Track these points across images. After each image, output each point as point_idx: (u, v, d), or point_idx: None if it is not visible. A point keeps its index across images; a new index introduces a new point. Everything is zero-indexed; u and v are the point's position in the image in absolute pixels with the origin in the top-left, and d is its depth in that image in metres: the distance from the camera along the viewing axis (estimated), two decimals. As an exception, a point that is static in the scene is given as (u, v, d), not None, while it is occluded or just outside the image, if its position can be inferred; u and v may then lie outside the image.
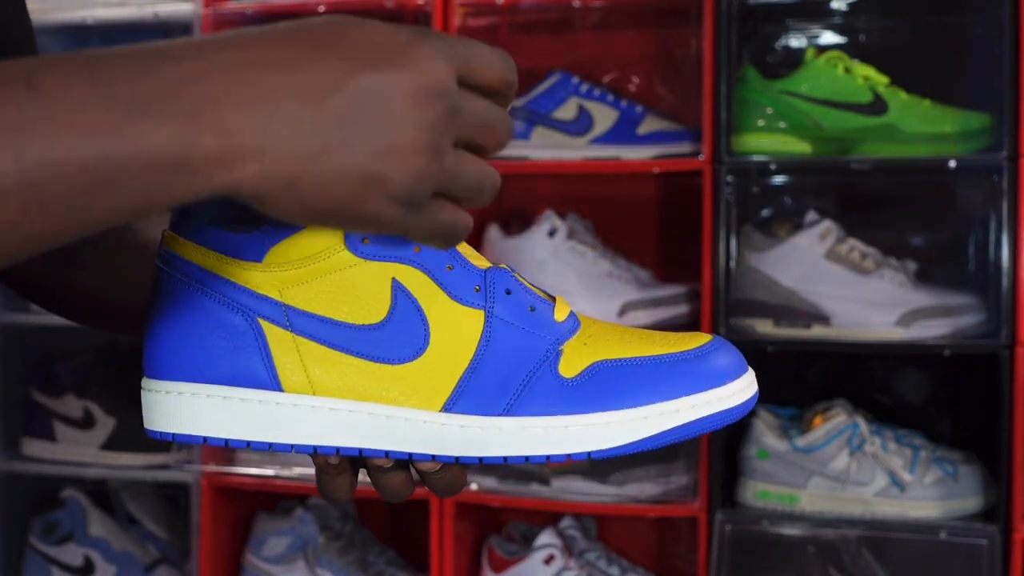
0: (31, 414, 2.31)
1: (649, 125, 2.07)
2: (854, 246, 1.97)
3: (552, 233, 2.08)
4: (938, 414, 2.07)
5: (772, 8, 2.08)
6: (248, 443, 0.66)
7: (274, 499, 2.28)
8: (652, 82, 2.22)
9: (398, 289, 0.65)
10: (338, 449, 0.66)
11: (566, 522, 2.11)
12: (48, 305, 0.84)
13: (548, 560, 2.04)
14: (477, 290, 0.66)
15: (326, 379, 0.65)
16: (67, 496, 2.27)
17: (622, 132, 2.07)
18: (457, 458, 0.65)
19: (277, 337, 0.65)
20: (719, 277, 1.94)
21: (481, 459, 0.65)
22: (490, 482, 2.05)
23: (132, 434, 2.26)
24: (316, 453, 0.66)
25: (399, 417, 0.65)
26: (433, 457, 0.65)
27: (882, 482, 1.90)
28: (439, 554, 2.07)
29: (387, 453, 0.65)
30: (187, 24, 2.16)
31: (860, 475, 1.91)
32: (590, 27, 2.26)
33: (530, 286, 0.68)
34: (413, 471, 0.69)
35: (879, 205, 2.12)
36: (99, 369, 2.36)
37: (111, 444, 2.25)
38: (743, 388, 0.65)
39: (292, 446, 0.66)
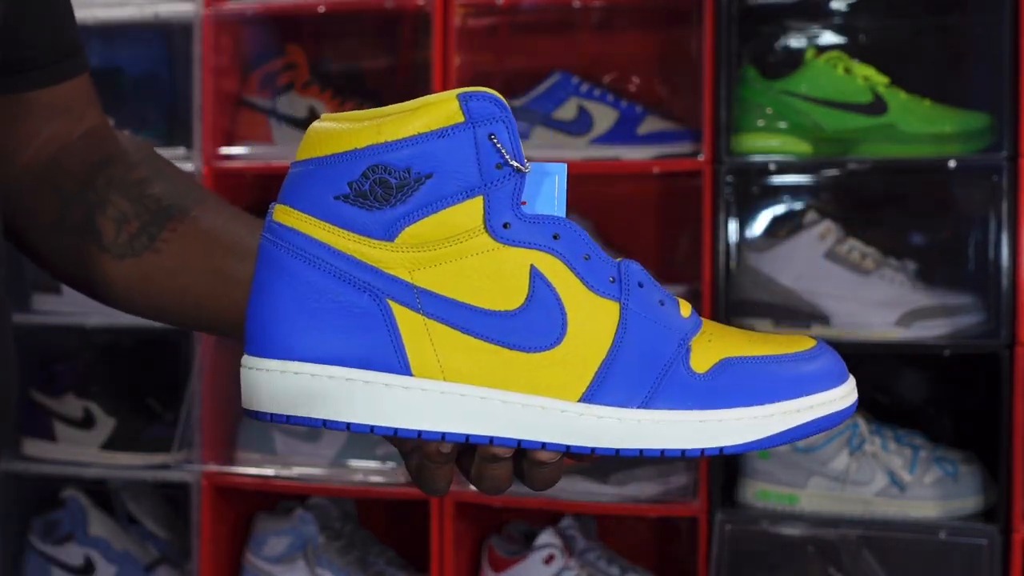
0: (31, 414, 2.31)
1: (649, 125, 2.07)
2: (854, 246, 1.97)
3: (552, 233, 2.08)
4: (938, 414, 2.07)
5: (772, 8, 2.08)
6: (372, 428, 0.64)
7: (274, 499, 2.28)
8: (652, 82, 2.22)
9: (536, 276, 0.64)
10: (468, 437, 0.64)
11: (566, 522, 2.11)
12: (104, 296, 0.83)
13: (548, 560, 2.04)
14: (612, 281, 0.66)
15: (458, 364, 0.64)
16: (67, 496, 2.27)
17: (622, 132, 2.07)
18: (593, 449, 0.64)
19: (407, 319, 0.64)
20: (719, 277, 1.94)
21: (618, 451, 0.64)
22: (490, 482, 2.05)
23: (132, 434, 2.26)
24: (443, 440, 0.64)
25: (534, 405, 0.64)
26: (568, 448, 0.64)
27: (882, 482, 1.90)
28: (439, 554, 2.07)
29: (519, 442, 0.64)
30: (187, 24, 2.16)
31: (860, 475, 1.91)
32: (590, 27, 2.26)
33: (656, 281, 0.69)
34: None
35: (879, 205, 2.12)
36: (99, 369, 2.36)
37: (111, 444, 2.25)
38: (850, 392, 0.67)
39: (419, 432, 0.64)
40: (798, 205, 2.10)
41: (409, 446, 0.68)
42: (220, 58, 2.18)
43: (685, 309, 0.67)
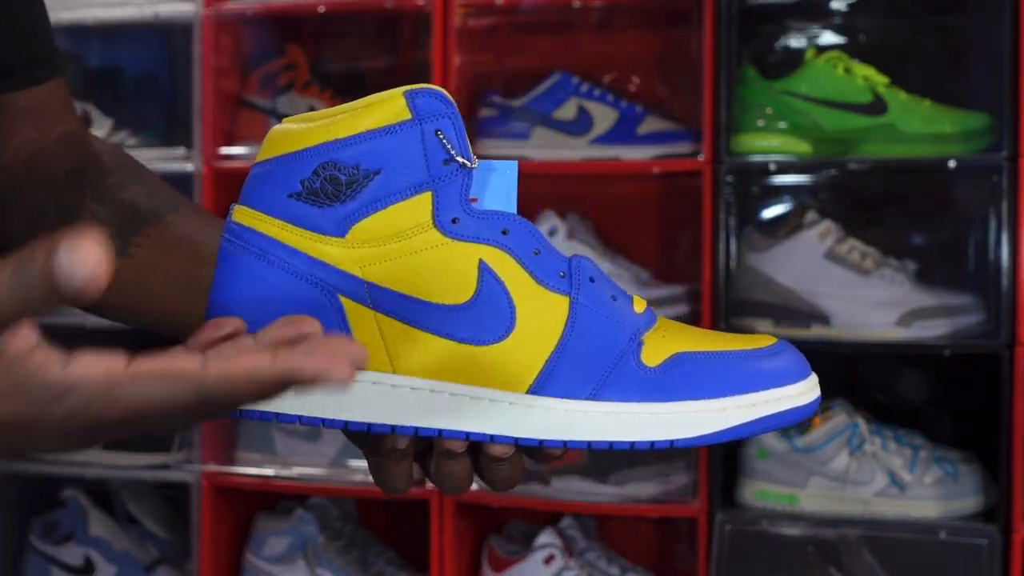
0: (31, 414, 2.30)
1: (649, 125, 2.07)
2: (854, 246, 1.97)
3: (552, 233, 2.08)
4: (938, 414, 2.07)
5: (772, 8, 2.08)
6: (322, 421, 0.64)
7: (274, 499, 2.28)
8: (652, 82, 2.22)
9: (485, 271, 0.65)
10: (417, 430, 0.64)
11: (566, 522, 2.11)
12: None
13: (548, 560, 2.04)
14: (562, 276, 0.66)
15: (408, 358, 0.64)
16: (67, 496, 2.27)
17: (622, 132, 2.07)
18: (541, 441, 0.65)
19: (358, 314, 0.64)
20: (719, 277, 1.94)
21: (565, 443, 0.65)
22: (490, 482, 2.05)
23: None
24: (393, 433, 0.65)
25: (483, 398, 0.64)
26: (516, 440, 0.65)
27: (882, 482, 1.90)
28: (439, 554, 2.07)
29: (468, 435, 0.65)
30: (187, 24, 2.16)
31: (860, 475, 1.91)
32: (590, 27, 2.27)
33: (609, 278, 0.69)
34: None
35: (879, 205, 2.12)
36: (99, 369, 2.36)
37: (111, 444, 2.25)
38: (810, 388, 0.66)
39: (369, 425, 0.64)
40: (798, 205, 2.10)
41: (369, 446, 0.69)
42: (220, 58, 2.18)
43: (639, 305, 0.68)
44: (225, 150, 2.18)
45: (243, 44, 2.26)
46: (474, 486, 2.18)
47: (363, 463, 2.11)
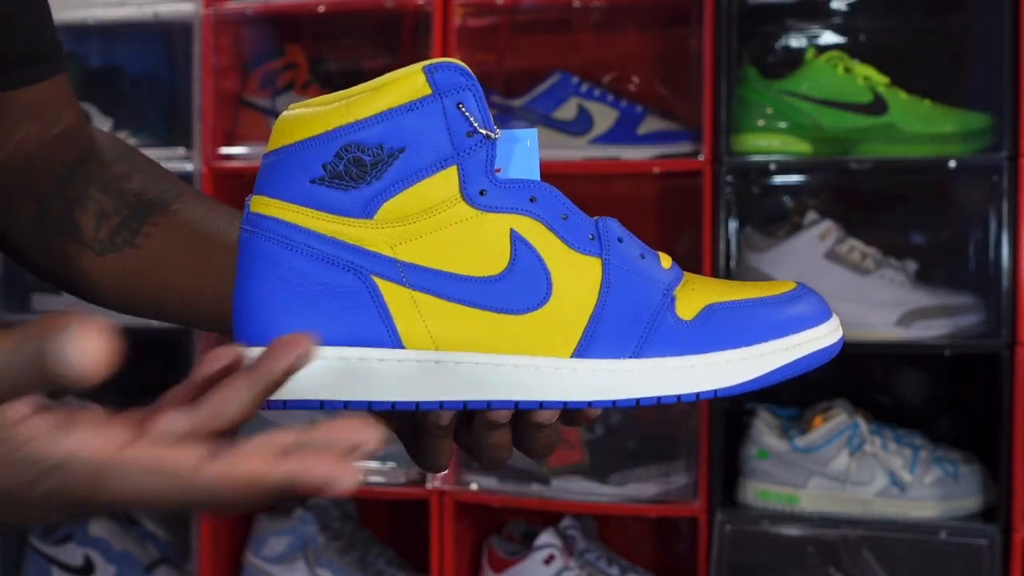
0: (31, 414, 2.30)
1: (649, 125, 2.07)
2: (854, 246, 1.97)
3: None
4: (938, 414, 2.07)
5: (772, 8, 2.08)
6: (369, 404, 0.64)
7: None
8: (652, 82, 2.22)
9: (517, 239, 0.65)
10: (466, 404, 0.64)
11: (566, 522, 2.11)
12: (88, 294, 0.83)
13: (548, 560, 2.04)
14: (592, 239, 0.67)
15: (448, 333, 0.64)
16: (67, 496, 2.27)
17: (622, 132, 2.07)
18: (590, 403, 0.65)
19: (394, 294, 0.64)
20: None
21: (614, 402, 0.65)
22: (490, 482, 2.05)
23: (132, 434, 2.25)
24: (441, 409, 0.65)
25: (528, 366, 0.64)
26: (566, 404, 0.65)
27: (882, 482, 1.90)
28: (439, 554, 2.07)
29: (517, 404, 0.65)
30: (187, 24, 2.16)
31: (860, 475, 1.91)
32: (590, 27, 2.26)
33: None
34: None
35: (879, 205, 2.12)
36: (99, 369, 2.36)
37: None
38: (836, 328, 0.68)
39: (417, 404, 0.64)
40: (798, 205, 2.10)
41: (406, 428, 0.69)
42: (220, 58, 2.18)
43: (666, 261, 0.69)
44: (225, 150, 2.18)
45: (243, 44, 2.26)
46: (474, 486, 2.17)
47: (363, 463, 2.11)
